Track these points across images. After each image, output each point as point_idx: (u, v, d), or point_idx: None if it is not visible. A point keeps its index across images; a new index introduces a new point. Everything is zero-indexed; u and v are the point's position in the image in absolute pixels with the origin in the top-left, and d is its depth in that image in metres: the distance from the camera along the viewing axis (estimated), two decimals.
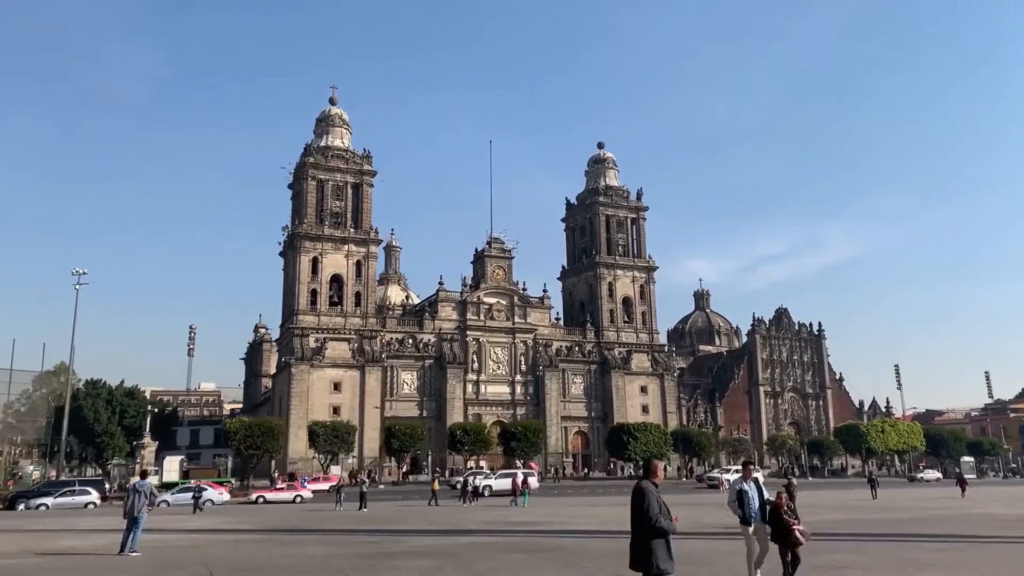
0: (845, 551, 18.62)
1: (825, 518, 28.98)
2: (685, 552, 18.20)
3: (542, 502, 45.11)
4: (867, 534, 23.75)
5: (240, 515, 36.18)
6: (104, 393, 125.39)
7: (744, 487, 13.90)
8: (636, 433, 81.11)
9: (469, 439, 76.67)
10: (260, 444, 65.49)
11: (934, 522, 27.51)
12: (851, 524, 27.20)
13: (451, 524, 28.92)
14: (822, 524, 25.83)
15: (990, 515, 31.20)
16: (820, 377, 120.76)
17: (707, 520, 27.48)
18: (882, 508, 35.99)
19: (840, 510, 35.43)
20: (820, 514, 30.99)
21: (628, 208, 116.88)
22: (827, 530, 23.45)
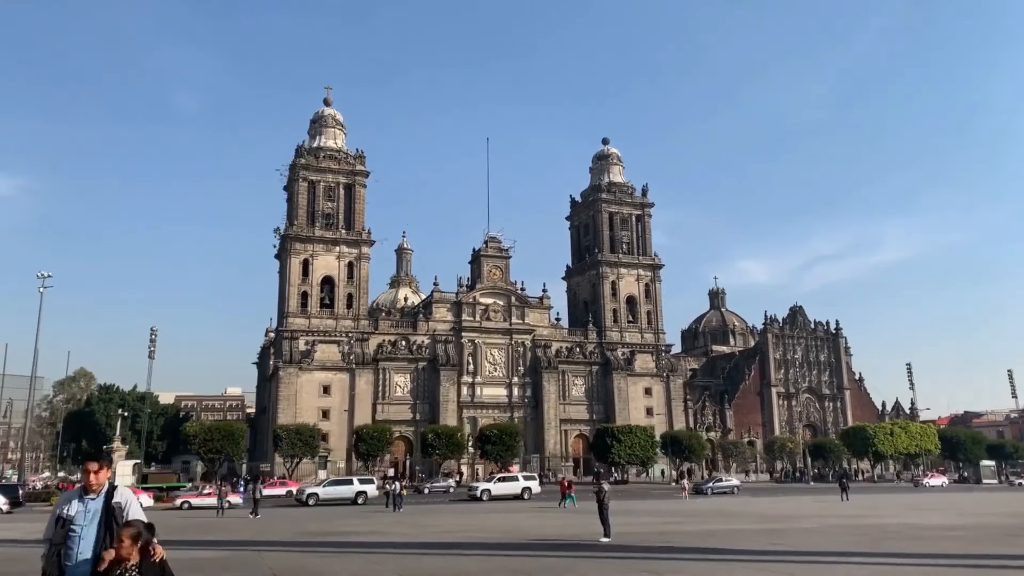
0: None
1: (662, 528, 26.65)
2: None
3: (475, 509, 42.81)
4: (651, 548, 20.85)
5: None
6: (116, 398, 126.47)
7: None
8: (620, 436, 77.85)
9: (441, 443, 74.37)
10: (220, 448, 64.25)
11: (778, 535, 24.46)
12: (668, 536, 24.35)
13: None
14: (639, 536, 23.53)
15: (866, 526, 27.84)
16: (838, 377, 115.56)
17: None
18: (775, 517, 32.81)
19: (710, 518, 32.33)
20: (671, 524, 28.49)
21: (632, 205, 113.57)
22: (636, 543, 21.23)
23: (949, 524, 28.65)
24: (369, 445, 72.32)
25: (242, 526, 31.81)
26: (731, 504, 44.87)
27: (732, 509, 39.29)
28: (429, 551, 20.95)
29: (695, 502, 47.31)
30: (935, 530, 26.05)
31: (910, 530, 26.07)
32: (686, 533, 25.24)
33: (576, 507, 39.23)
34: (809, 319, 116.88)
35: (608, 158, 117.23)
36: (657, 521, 31.19)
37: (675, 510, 39.03)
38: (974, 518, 32.12)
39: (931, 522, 29.76)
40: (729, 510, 38.46)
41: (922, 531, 25.80)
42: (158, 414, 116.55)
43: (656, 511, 38.60)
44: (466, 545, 21.82)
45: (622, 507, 36.67)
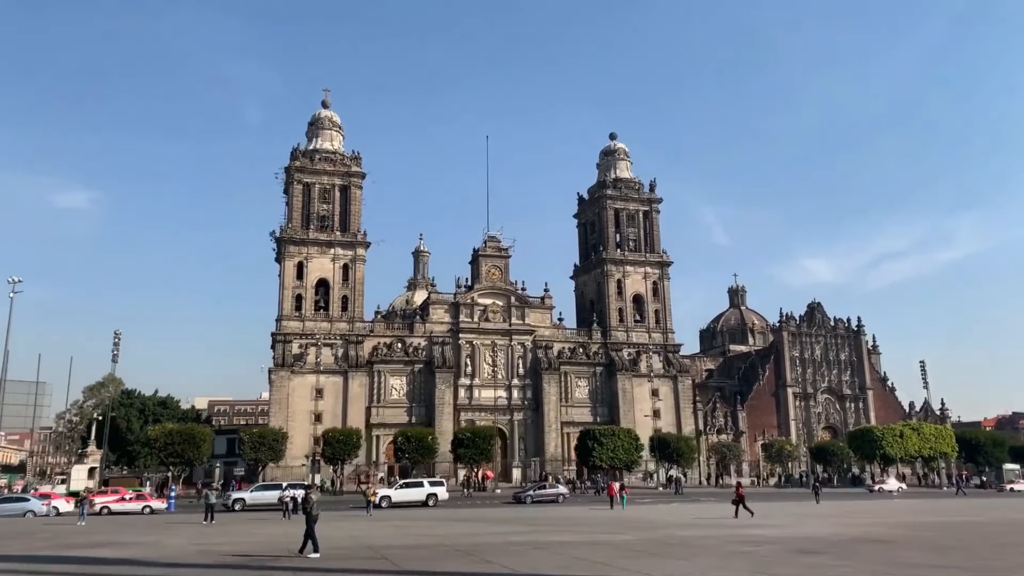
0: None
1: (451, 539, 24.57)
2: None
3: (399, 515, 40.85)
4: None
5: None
6: (137, 403, 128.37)
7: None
8: (602, 438, 74.86)
9: (411, 446, 72.53)
10: (180, 452, 63.60)
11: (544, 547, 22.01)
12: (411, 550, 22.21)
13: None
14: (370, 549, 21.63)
15: (683, 537, 25.44)
16: (859, 377, 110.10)
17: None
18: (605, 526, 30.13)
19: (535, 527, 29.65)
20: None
21: (639, 201, 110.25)
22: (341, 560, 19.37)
23: (791, 536, 26.13)
24: (335, 448, 70.96)
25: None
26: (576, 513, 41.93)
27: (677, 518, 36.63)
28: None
29: (520, 511, 44.56)
30: (752, 543, 23.35)
31: (721, 543, 23.49)
32: (448, 546, 23.06)
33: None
34: (828, 316, 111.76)
35: (615, 153, 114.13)
36: (461, 532, 28.98)
37: (528, 518, 36.83)
38: (848, 528, 29.49)
39: (779, 534, 26.98)
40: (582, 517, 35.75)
41: (729, 543, 23.31)
42: (178, 418, 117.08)
43: (502, 519, 36.32)
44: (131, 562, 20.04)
45: (492, 515, 34.47)
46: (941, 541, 24.42)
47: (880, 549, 21.90)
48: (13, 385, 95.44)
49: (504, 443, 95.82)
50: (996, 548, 22.59)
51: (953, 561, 19.32)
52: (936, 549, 22.06)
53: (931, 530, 28.37)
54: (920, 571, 17.36)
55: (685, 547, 22.97)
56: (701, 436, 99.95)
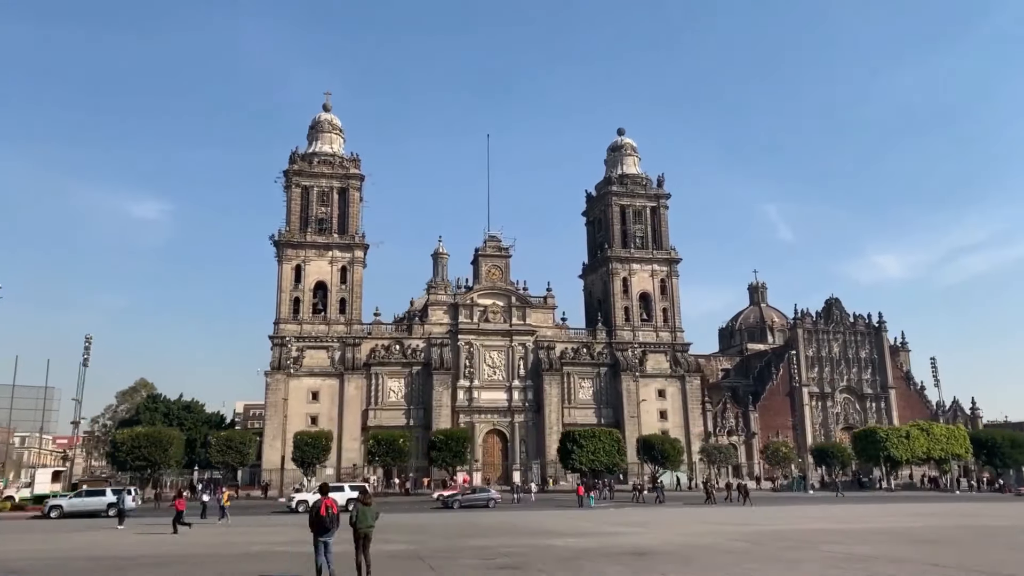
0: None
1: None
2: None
3: None
4: None
5: None
6: (162, 407, 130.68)
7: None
8: (581, 440, 72.46)
9: (381, 449, 71.37)
10: (147, 456, 63.65)
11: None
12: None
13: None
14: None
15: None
16: (882, 376, 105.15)
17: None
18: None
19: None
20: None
21: (646, 196, 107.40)
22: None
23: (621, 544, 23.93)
24: (304, 452, 70.28)
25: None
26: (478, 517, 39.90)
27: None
28: None
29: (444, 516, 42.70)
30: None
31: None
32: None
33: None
34: (847, 312, 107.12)
35: (622, 149, 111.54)
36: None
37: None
38: (679, 536, 27.57)
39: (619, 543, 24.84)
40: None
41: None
42: (202, 422, 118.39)
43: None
44: None
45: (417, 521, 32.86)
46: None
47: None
48: (22, 390, 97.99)
49: (505, 445, 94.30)
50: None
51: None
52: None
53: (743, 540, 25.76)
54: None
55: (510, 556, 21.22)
56: (710, 438, 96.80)
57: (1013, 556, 21.79)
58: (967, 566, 18.83)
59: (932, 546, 23.95)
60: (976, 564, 19.26)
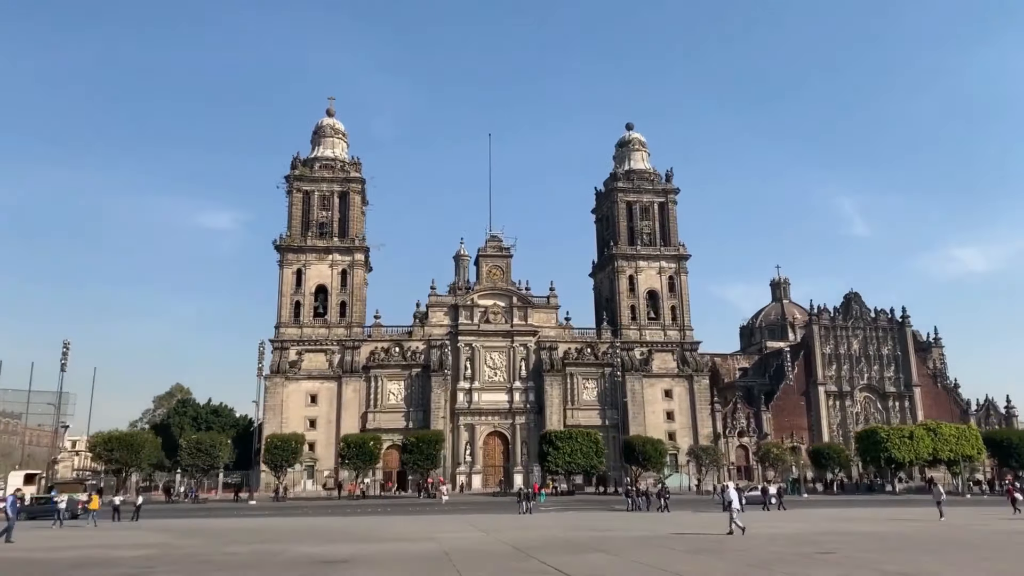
0: None
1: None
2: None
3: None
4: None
5: None
6: (191, 411, 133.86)
7: None
8: (557, 441, 70.51)
9: (352, 452, 70.81)
10: (118, 459, 64.54)
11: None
12: None
13: None
14: None
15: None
16: (905, 373, 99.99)
17: None
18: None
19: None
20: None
21: (653, 192, 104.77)
22: None
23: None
24: (274, 455, 70.34)
25: None
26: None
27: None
28: None
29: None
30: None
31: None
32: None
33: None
34: (868, 307, 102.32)
35: (629, 144, 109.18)
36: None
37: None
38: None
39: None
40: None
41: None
42: (230, 426, 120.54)
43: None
44: None
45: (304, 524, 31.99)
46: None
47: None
48: (37, 395, 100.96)
49: (506, 447, 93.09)
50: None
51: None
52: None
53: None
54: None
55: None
56: (719, 439, 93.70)
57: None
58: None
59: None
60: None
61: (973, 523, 34.57)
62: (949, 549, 23.09)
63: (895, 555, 20.85)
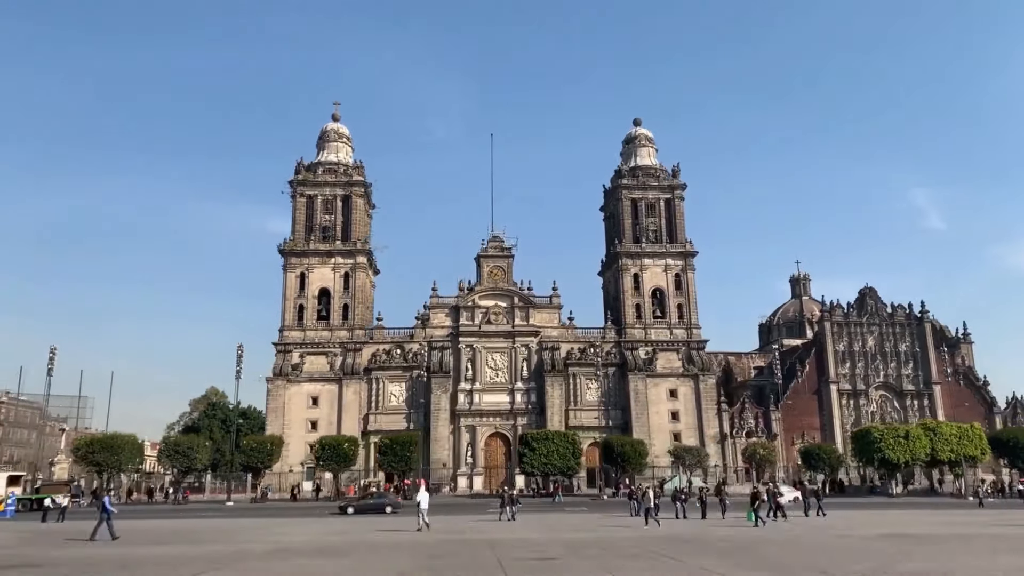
0: None
1: None
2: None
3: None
4: None
5: None
6: (219, 413, 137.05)
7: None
8: (534, 443, 69.47)
9: (326, 454, 70.94)
10: (99, 461, 65.90)
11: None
12: None
13: None
14: None
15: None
16: (924, 370, 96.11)
17: None
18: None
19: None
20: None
21: (659, 188, 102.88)
22: None
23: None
24: (249, 457, 70.99)
25: None
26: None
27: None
28: None
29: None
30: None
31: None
32: None
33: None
34: (884, 302, 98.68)
35: (635, 140, 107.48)
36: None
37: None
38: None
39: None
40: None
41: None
42: (258, 428, 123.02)
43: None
44: None
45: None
46: None
47: None
48: (56, 399, 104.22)
49: (508, 449, 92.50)
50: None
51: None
52: None
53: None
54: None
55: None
56: (726, 440, 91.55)
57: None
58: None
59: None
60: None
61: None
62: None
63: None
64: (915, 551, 22.94)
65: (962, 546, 24.58)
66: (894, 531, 30.65)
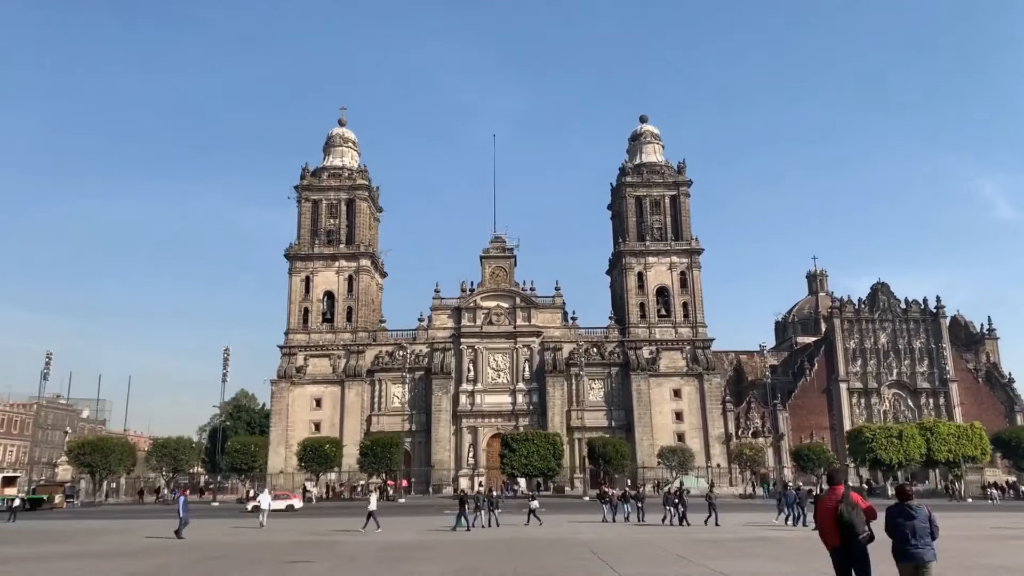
0: None
1: None
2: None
3: None
4: None
5: None
6: (245, 416, 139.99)
7: None
8: (514, 443, 68.92)
9: (308, 455, 71.49)
10: (90, 462, 67.63)
11: None
12: None
13: None
14: None
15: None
16: (940, 368, 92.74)
17: None
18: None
19: None
20: None
21: (664, 185, 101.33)
22: None
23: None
24: (233, 458, 71.87)
25: None
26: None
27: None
28: None
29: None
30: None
31: None
32: None
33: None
34: (898, 298, 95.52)
35: (641, 137, 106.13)
36: None
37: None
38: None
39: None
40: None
41: None
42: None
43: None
44: None
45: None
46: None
47: None
48: (78, 402, 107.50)
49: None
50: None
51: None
52: None
53: None
54: None
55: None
56: (731, 440, 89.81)
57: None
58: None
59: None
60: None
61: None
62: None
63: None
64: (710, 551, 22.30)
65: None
66: (752, 535, 29.32)
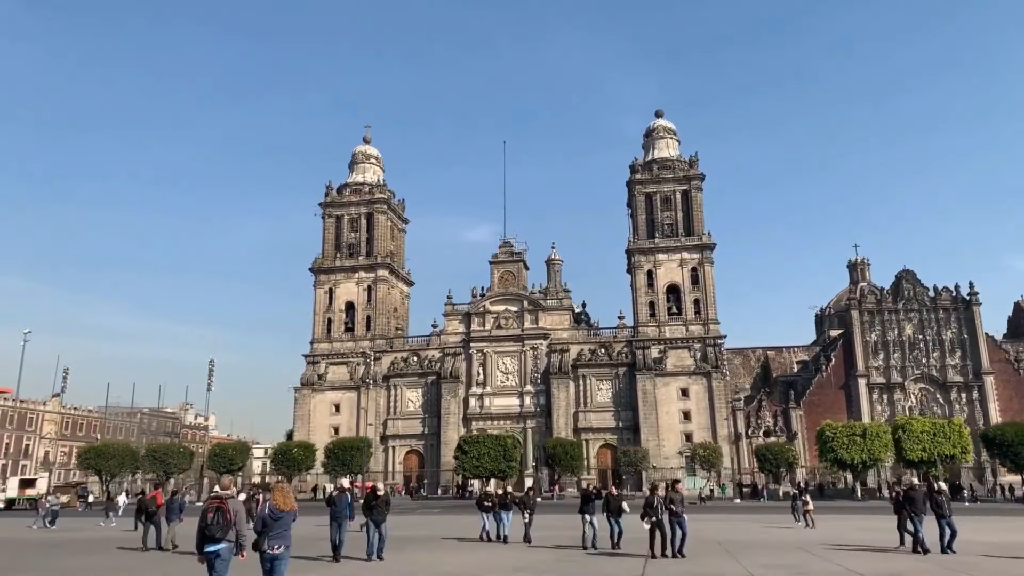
0: None
1: None
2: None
3: None
4: None
5: None
6: None
7: None
8: (465, 446, 69.51)
9: (279, 459, 74.97)
10: (100, 467, 74.17)
11: None
12: None
13: None
14: None
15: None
16: (974, 360, 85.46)
17: None
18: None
19: None
20: None
21: (675, 180, 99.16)
22: None
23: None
24: (214, 462, 76.51)
25: None
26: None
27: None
28: None
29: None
30: None
31: None
32: None
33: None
34: (926, 285, 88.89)
35: (655, 132, 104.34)
36: None
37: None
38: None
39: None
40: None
41: None
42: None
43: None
44: None
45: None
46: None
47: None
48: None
49: (519, 452, 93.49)
50: None
51: None
52: None
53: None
54: None
55: None
56: (740, 440, 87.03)
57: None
58: None
59: None
60: None
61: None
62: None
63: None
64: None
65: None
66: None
